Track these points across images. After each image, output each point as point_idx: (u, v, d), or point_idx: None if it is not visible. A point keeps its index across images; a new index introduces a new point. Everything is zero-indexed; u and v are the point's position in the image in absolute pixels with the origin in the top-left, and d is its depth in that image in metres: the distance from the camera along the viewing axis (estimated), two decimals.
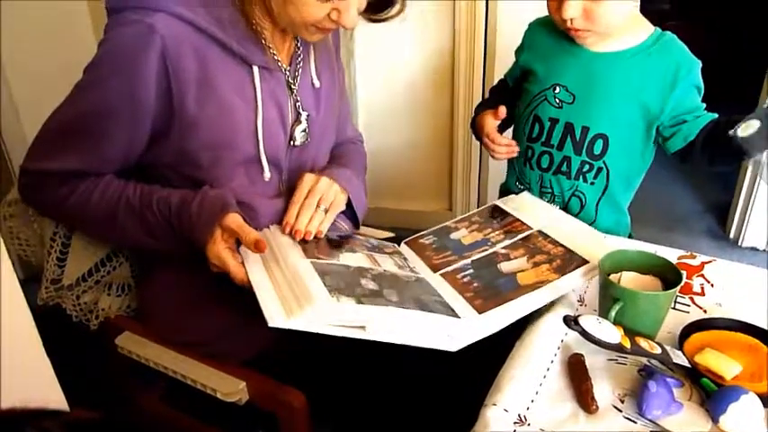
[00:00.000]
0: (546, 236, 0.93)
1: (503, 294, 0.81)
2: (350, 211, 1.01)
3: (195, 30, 0.81)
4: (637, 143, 1.05)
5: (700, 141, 0.98)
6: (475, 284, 0.85)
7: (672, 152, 1.03)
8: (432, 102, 2.08)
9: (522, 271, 0.86)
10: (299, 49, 0.96)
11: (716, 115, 1.00)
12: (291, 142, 0.95)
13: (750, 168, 2.00)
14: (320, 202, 0.92)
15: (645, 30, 1.02)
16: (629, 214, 1.14)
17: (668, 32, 1.02)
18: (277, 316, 0.70)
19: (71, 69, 0.87)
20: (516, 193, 1.12)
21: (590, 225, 1.05)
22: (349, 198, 0.98)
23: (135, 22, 0.79)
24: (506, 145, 1.10)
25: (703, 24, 2.72)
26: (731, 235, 2.17)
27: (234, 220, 0.82)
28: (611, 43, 1.01)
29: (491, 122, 1.10)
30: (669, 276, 0.78)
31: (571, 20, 0.95)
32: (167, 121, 0.84)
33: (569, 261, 0.85)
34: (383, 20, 0.91)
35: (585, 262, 0.84)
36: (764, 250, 2.11)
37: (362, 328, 0.70)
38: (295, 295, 0.73)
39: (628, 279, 0.79)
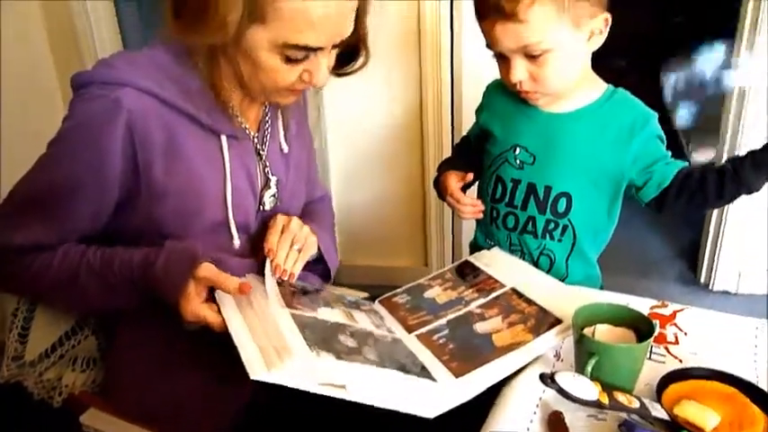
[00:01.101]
0: (519, 294, 0.92)
1: (479, 357, 0.80)
2: (321, 268, 1.01)
3: (162, 103, 0.81)
4: (600, 199, 1.06)
5: (674, 189, 0.99)
6: (451, 346, 0.84)
7: (646, 202, 1.03)
8: (402, 157, 2.11)
9: (498, 331, 0.85)
10: (266, 115, 0.97)
11: (686, 163, 1.01)
12: (261, 207, 0.95)
13: (715, 213, 2.06)
14: (293, 242, 0.92)
15: (598, 88, 1.04)
16: (599, 265, 1.15)
17: (620, 89, 1.05)
18: (258, 368, 0.67)
19: (39, 141, 0.86)
20: (487, 249, 1.13)
21: (561, 281, 1.05)
22: (320, 254, 0.98)
23: (101, 96, 0.79)
24: (471, 204, 1.11)
25: (657, 84, 2.84)
26: (702, 279, 2.20)
27: (208, 269, 0.81)
28: (565, 103, 1.04)
29: (454, 182, 1.12)
30: (642, 327, 0.78)
31: (519, 82, 0.98)
32: (134, 192, 0.83)
33: (543, 320, 0.85)
34: (349, 73, 0.92)
35: (559, 321, 0.83)
36: (736, 293, 2.14)
37: (342, 387, 0.68)
38: (275, 347, 0.71)
39: (602, 332, 0.78)
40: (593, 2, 0.92)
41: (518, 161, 1.07)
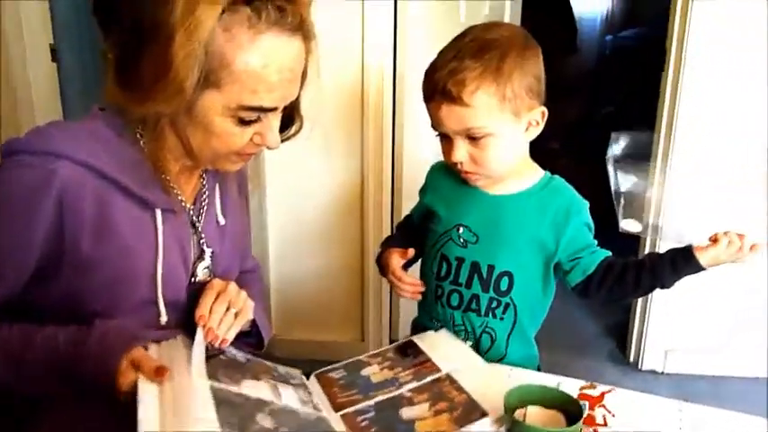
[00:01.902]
0: (453, 381, 0.91)
1: None
2: (254, 338, 0.98)
3: (97, 176, 0.79)
4: (538, 278, 1.10)
5: (597, 277, 1.05)
6: (372, 430, 0.82)
7: (571, 286, 1.08)
8: (342, 231, 2.12)
9: (422, 419, 0.84)
10: (204, 186, 0.96)
11: (609, 253, 1.07)
12: (193, 279, 0.92)
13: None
14: (229, 306, 0.88)
15: (536, 173, 1.10)
16: (537, 344, 1.17)
17: (557, 176, 1.11)
18: None
19: None
20: (429, 329, 1.12)
21: (500, 360, 1.07)
22: (252, 324, 0.95)
23: (34, 166, 0.76)
24: (411, 284, 1.12)
25: (587, 166, 3.01)
26: (631, 358, 2.26)
27: (140, 352, 0.77)
28: (507, 186, 1.08)
29: (396, 260, 1.13)
30: (572, 410, 0.79)
31: (460, 163, 1.02)
32: (57, 265, 0.80)
33: (470, 412, 0.83)
34: (284, 140, 0.92)
35: (485, 415, 0.82)
36: (663, 372, 2.21)
37: None
38: (179, 425, 0.67)
39: (533, 414, 0.79)
40: (532, 96, 0.99)
41: (462, 240, 1.09)
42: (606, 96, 4.21)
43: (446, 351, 1.01)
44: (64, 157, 0.77)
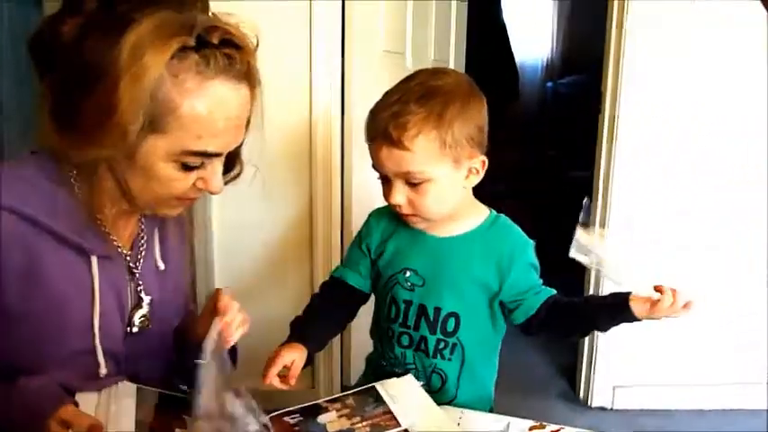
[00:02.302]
0: None
1: None
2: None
3: (26, 223, 0.76)
4: (485, 318, 1.10)
5: (542, 316, 1.06)
6: None
7: (515, 324, 1.09)
8: (290, 276, 2.08)
9: None
10: (142, 231, 0.93)
11: (554, 291, 1.09)
12: (129, 328, 0.89)
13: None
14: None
15: (481, 213, 1.11)
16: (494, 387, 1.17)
17: (502, 216, 1.12)
18: None
19: None
20: (381, 366, 1.11)
21: (451, 401, 1.06)
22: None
23: None
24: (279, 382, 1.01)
25: (531, 207, 3.10)
26: (581, 396, 2.28)
27: (69, 410, 0.73)
28: (452, 227, 1.09)
29: (287, 358, 1.03)
30: None
31: (399, 206, 1.02)
32: None
33: None
34: (226, 183, 0.91)
35: None
36: (612, 408, 2.23)
37: None
38: None
39: None
40: (473, 144, 1.00)
41: (409, 283, 1.09)
42: (549, 140, 4.38)
43: (407, 402, 0.97)
44: None
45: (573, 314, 1.06)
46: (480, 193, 1.12)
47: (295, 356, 1.03)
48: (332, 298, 1.17)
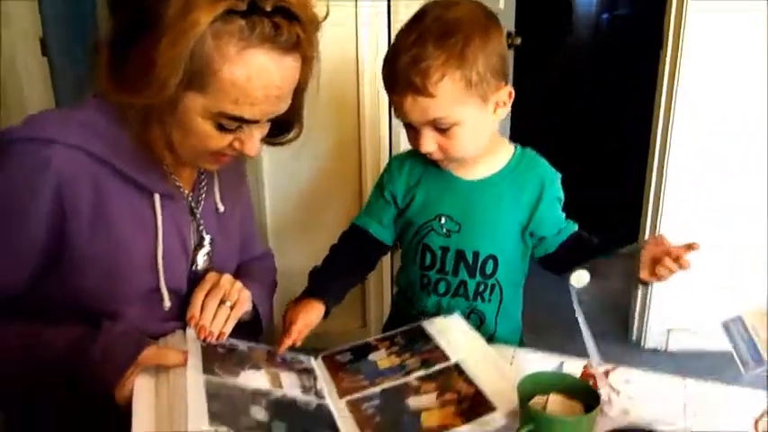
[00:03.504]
0: (461, 371, 0.90)
1: None
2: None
3: (93, 160, 0.79)
4: (519, 254, 1.11)
5: (562, 252, 1.07)
6: (377, 419, 0.82)
7: (536, 257, 1.11)
8: (340, 222, 2.10)
9: (428, 410, 0.83)
10: (202, 174, 0.95)
11: (576, 226, 1.09)
12: (193, 267, 0.92)
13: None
14: (224, 299, 0.88)
15: (507, 150, 1.09)
16: (527, 322, 1.19)
17: (528, 148, 1.11)
18: None
19: None
20: (410, 317, 1.10)
21: (489, 338, 1.07)
22: (255, 312, 0.95)
23: (29, 153, 0.75)
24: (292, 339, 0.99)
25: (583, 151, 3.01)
26: (633, 337, 2.26)
27: (152, 353, 0.78)
28: (480, 167, 1.07)
29: (307, 320, 1.01)
30: (588, 397, 0.77)
31: (429, 153, 1.00)
32: (57, 258, 0.79)
33: (477, 405, 0.82)
34: (281, 143, 0.92)
35: (493, 409, 0.80)
36: (665, 351, 2.21)
37: None
38: (171, 422, 0.67)
39: (550, 402, 0.78)
40: (497, 76, 0.96)
41: (444, 230, 1.08)
42: (603, 77, 4.19)
43: (455, 338, 0.99)
44: (57, 141, 0.76)
45: (589, 254, 1.04)
46: (530, 130, 1.09)
47: (311, 319, 1.02)
48: (353, 250, 1.16)
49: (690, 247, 0.93)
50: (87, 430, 0.86)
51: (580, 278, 0.96)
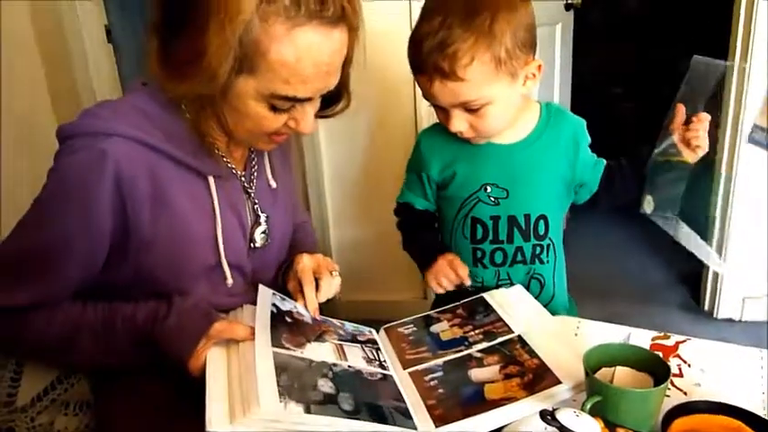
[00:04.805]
0: (524, 343, 0.89)
1: (465, 408, 0.78)
2: None
3: (148, 149, 0.81)
4: (562, 210, 1.13)
5: (602, 189, 1.10)
6: (440, 390, 0.82)
7: (579, 203, 1.13)
8: (398, 190, 2.11)
9: (492, 382, 0.82)
10: (252, 153, 0.97)
11: (604, 161, 1.10)
12: (252, 245, 0.94)
13: (715, 240, 2.04)
14: (330, 269, 0.96)
15: (534, 108, 1.08)
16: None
17: (551, 103, 1.10)
18: (217, 422, 0.66)
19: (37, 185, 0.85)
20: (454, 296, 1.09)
21: (548, 303, 1.08)
22: None
23: (86, 148, 0.78)
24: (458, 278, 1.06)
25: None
26: (705, 307, 2.18)
27: (221, 327, 0.81)
28: (513, 131, 1.06)
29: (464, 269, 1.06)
30: (658, 369, 0.75)
31: (460, 132, 1.00)
32: (123, 244, 0.82)
33: (541, 378, 0.81)
34: (331, 115, 0.93)
35: (558, 382, 0.79)
36: (740, 320, 2.12)
37: None
38: (243, 395, 0.70)
39: (617, 375, 0.77)
40: (525, 50, 0.94)
41: (492, 198, 1.07)
42: (671, 33, 3.97)
43: (517, 310, 0.98)
44: (113, 134, 0.78)
45: (627, 176, 1.08)
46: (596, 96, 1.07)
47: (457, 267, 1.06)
48: (420, 223, 1.18)
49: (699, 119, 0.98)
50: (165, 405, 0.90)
51: (649, 203, 1.03)
